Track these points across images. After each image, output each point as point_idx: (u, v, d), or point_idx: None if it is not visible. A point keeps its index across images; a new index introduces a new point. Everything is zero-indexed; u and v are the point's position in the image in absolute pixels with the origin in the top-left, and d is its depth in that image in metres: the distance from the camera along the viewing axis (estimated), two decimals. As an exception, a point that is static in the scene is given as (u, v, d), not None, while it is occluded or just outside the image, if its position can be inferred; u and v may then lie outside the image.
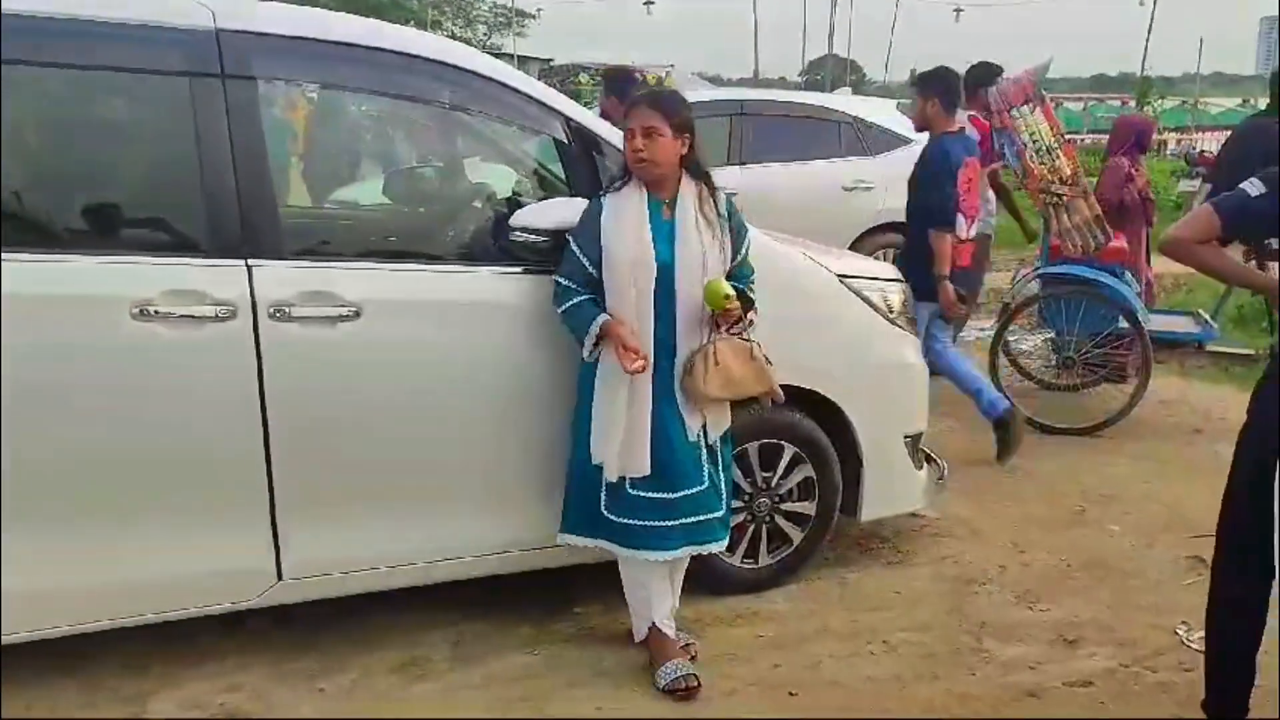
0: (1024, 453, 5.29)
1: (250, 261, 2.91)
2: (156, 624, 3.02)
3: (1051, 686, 3.27)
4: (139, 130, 3.06)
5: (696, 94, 9.87)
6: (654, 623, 3.25)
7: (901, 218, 5.70)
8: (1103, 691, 3.25)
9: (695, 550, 3.21)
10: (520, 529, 3.36)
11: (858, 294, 3.84)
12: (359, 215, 4.48)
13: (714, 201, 3.12)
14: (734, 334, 3.13)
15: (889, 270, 4.24)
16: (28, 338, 2.71)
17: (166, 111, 2.96)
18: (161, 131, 2.99)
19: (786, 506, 3.77)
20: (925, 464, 4.18)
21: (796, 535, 3.81)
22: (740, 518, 3.69)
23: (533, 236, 3.18)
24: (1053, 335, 6.41)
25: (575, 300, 3.06)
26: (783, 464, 3.71)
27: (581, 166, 3.38)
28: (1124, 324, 5.96)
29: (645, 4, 37.60)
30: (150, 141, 3.03)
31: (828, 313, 3.77)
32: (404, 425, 3.14)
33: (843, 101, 9.36)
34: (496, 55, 4.43)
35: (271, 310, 2.91)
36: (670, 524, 3.12)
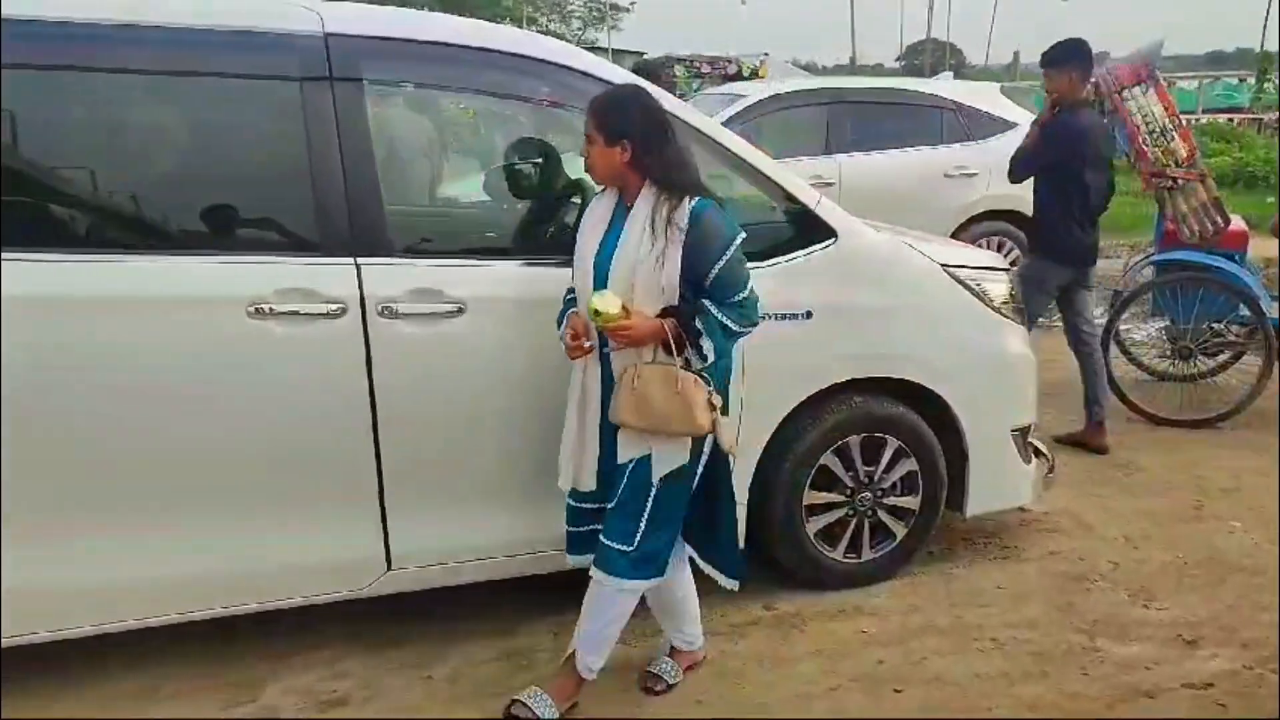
0: (1137, 446, 5.13)
1: (359, 260, 2.99)
2: (269, 612, 3.12)
3: (1169, 688, 3.16)
4: (252, 134, 3.14)
5: (793, 83, 9.80)
6: (673, 645, 3.25)
7: (1007, 205, 5.55)
8: (1224, 693, 3.13)
9: (587, 564, 2.98)
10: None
11: (962, 283, 3.76)
12: (460, 213, 4.55)
13: (666, 210, 2.74)
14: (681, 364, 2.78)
15: (995, 259, 4.14)
16: (151, 337, 2.83)
17: (279, 115, 3.04)
18: (274, 134, 3.08)
19: (889, 501, 3.72)
20: (1034, 457, 4.08)
21: (900, 530, 3.76)
22: (842, 512, 3.66)
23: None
24: (1167, 324, 6.19)
25: (564, 306, 2.99)
26: (885, 458, 3.66)
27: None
28: (1245, 311, 5.72)
29: (740, -1, 37.30)
30: (263, 144, 3.11)
31: (930, 303, 3.70)
32: (506, 419, 3.19)
33: (944, 87, 9.16)
34: (590, 50, 4.43)
35: (380, 307, 2.99)
36: (591, 531, 2.98)
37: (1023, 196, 8.08)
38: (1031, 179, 5.27)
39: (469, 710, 3.03)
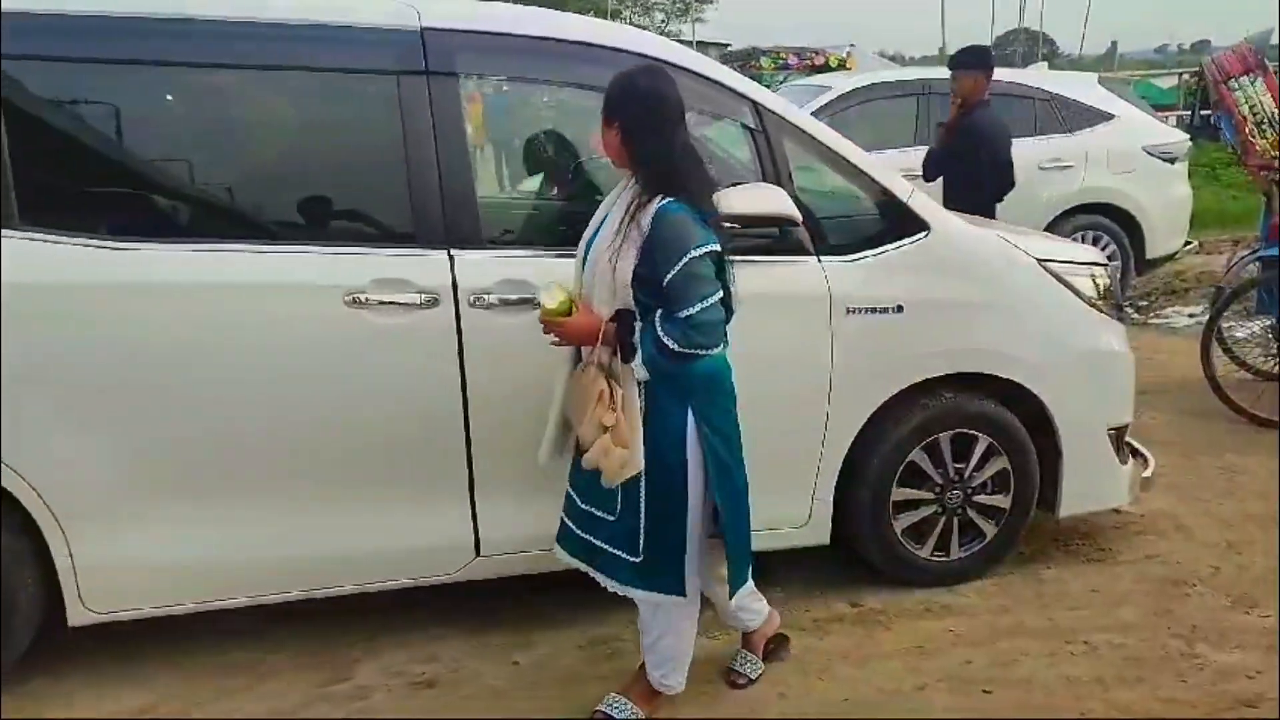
0: (1239, 447, 4.96)
1: (452, 251, 3.03)
2: (364, 594, 3.20)
3: (1271, 697, 3.06)
4: (351, 128, 3.21)
5: (881, 74, 9.66)
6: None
7: (1104, 199, 5.43)
8: (1331, 706, 3.02)
9: (590, 573, 2.88)
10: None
11: (1058, 279, 3.68)
12: (546, 205, 4.58)
13: (634, 207, 2.60)
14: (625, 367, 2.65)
15: (1092, 253, 4.03)
16: (252, 325, 2.92)
17: (376, 109, 3.11)
18: (371, 128, 3.14)
19: (980, 499, 3.66)
20: (1130, 458, 3.97)
21: (990, 529, 3.70)
22: (930, 510, 3.61)
23: (721, 223, 3.17)
24: (1272, 322, 5.96)
25: None
26: (976, 455, 3.60)
27: (772, 151, 3.35)
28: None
29: (826, -16, 36.78)
30: (361, 138, 3.18)
31: (1024, 298, 3.62)
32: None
33: (1038, 77, 8.94)
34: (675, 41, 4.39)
35: (471, 298, 3.03)
36: (573, 529, 2.89)
37: (1122, 190, 7.95)
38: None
39: (552, 697, 3.07)
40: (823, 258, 3.35)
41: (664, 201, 2.56)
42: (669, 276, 2.52)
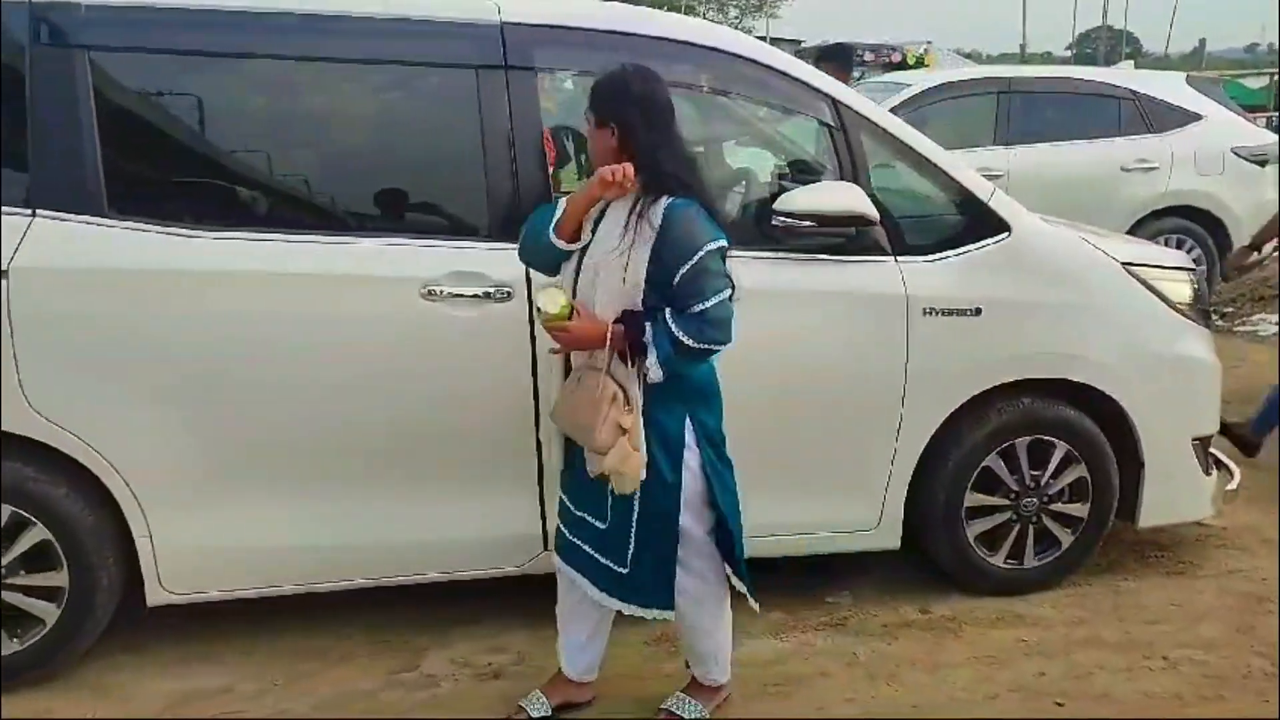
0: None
1: (527, 245, 3.04)
2: (434, 584, 3.23)
3: (1359, 721, 2.95)
4: (429, 120, 3.25)
5: (960, 71, 9.51)
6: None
7: (1191, 201, 5.26)
8: None
9: (582, 584, 2.78)
10: (778, 512, 3.34)
11: (1143, 283, 3.58)
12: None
13: (641, 205, 2.55)
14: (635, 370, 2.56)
15: (1180, 258, 3.92)
16: (329, 314, 2.96)
17: (454, 102, 3.14)
18: (449, 121, 3.17)
19: (1056, 507, 3.57)
20: (1215, 469, 3.85)
21: (1066, 538, 3.61)
22: (1005, 517, 3.54)
23: (798, 221, 3.15)
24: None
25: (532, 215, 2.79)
26: (1054, 462, 3.52)
27: (849, 149, 3.31)
28: None
29: (905, -20, 36.26)
30: (439, 131, 3.21)
31: (1107, 302, 3.53)
32: None
33: (1123, 75, 8.72)
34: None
35: (544, 292, 3.04)
36: (569, 537, 2.80)
37: (1209, 193, 7.72)
38: None
39: (617, 693, 3.06)
40: (900, 257, 3.30)
41: (672, 200, 2.54)
42: (682, 272, 2.50)
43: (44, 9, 2.83)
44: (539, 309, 2.55)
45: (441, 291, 2.98)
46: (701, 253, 2.50)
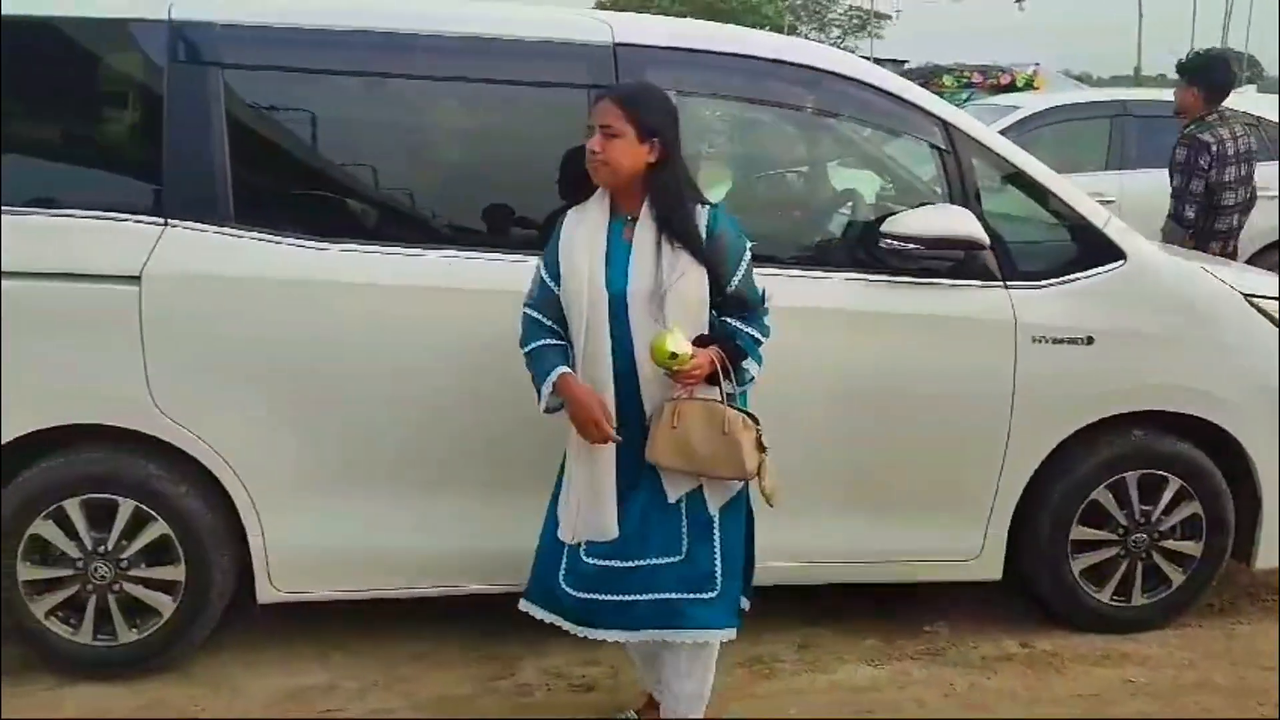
0: None
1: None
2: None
3: None
4: (540, 140, 3.30)
5: (1073, 94, 9.31)
6: (651, 694, 2.86)
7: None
8: None
9: (660, 635, 2.60)
10: (877, 538, 3.31)
11: (1265, 314, 3.45)
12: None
13: (682, 218, 2.51)
14: (721, 399, 2.53)
15: (1305, 290, 3.77)
16: (439, 325, 3.03)
17: (565, 121, 3.17)
18: (560, 141, 3.20)
19: (1167, 544, 3.46)
20: (1339, 511, 3.68)
21: (1177, 577, 3.49)
22: (1113, 552, 3.44)
23: (905, 244, 3.12)
24: None
25: (538, 343, 2.60)
26: (1165, 498, 3.41)
27: (960, 172, 3.27)
28: None
29: (1017, 1, 35.60)
30: (550, 149, 3.25)
31: (1226, 334, 3.42)
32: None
33: (1245, 101, 8.42)
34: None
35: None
36: (627, 598, 2.57)
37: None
38: None
39: (706, 712, 3.05)
40: (1009, 283, 3.25)
41: (706, 208, 2.56)
42: (738, 278, 2.54)
43: (182, 27, 2.97)
44: (673, 355, 2.40)
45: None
46: (748, 255, 2.58)
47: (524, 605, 2.72)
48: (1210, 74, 5.24)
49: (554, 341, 2.60)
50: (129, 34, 3.03)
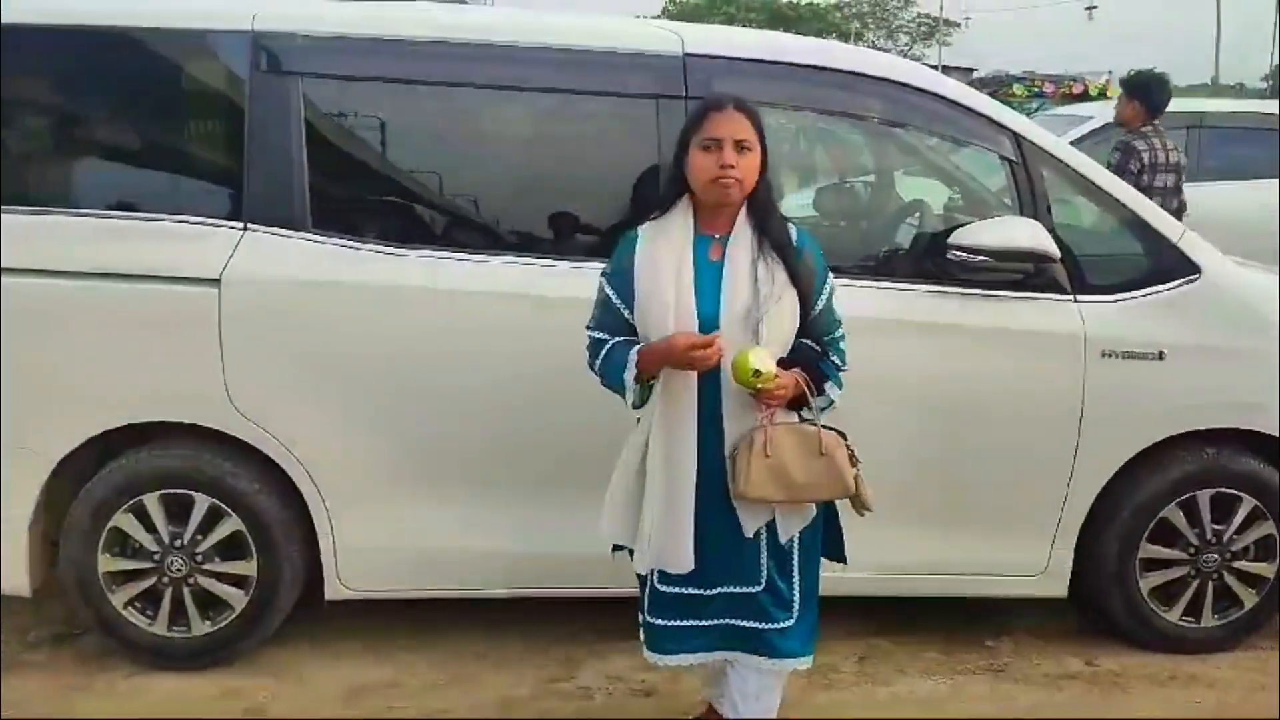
0: None
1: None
2: (595, 599, 3.28)
3: None
4: (607, 149, 3.35)
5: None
6: (710, 702, 2.80)
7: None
8: None
9: (731, 656, 2.57)
10: (941, 551, 3.30)
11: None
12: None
13: (781, 237, 2.42)
14: (804, 419, 2.45)
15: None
16: (507, 330, 3.08)
17: (633, 130, 3.21)
18: (629, 150, 3.25)
19: (1240, 565, 3.39)
20: None
21: (1249, 599, 3.42)
22: (1183, 571, 3.38)
23: (973, 256, 3.11)
24: None
25: (607, 348, 2.48)
26: (1238, 517, 3.34)
27: (1030, 184, 3.25)
28: None
29: (1087, 9, 35.04)
30: (617, 158, 3.30)
31: (1306, 353, 3.34)
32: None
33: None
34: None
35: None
36: (701, 623, 2.52)
37: None
38: None
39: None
40: (1080, 297, 3.21)
41: (793, 227, 2.47)
42: (823, 301, 2.47)
43: (264, 38, 3.06)
44: (757, 372, 2.28)
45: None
46: (831, 277, 2.51)
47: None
48: (1150, 92, 5.80)
49: (624, 340, 2.47)
50: (213, 45, 3.13)
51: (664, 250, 2.42)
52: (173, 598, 3.15)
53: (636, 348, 2.41)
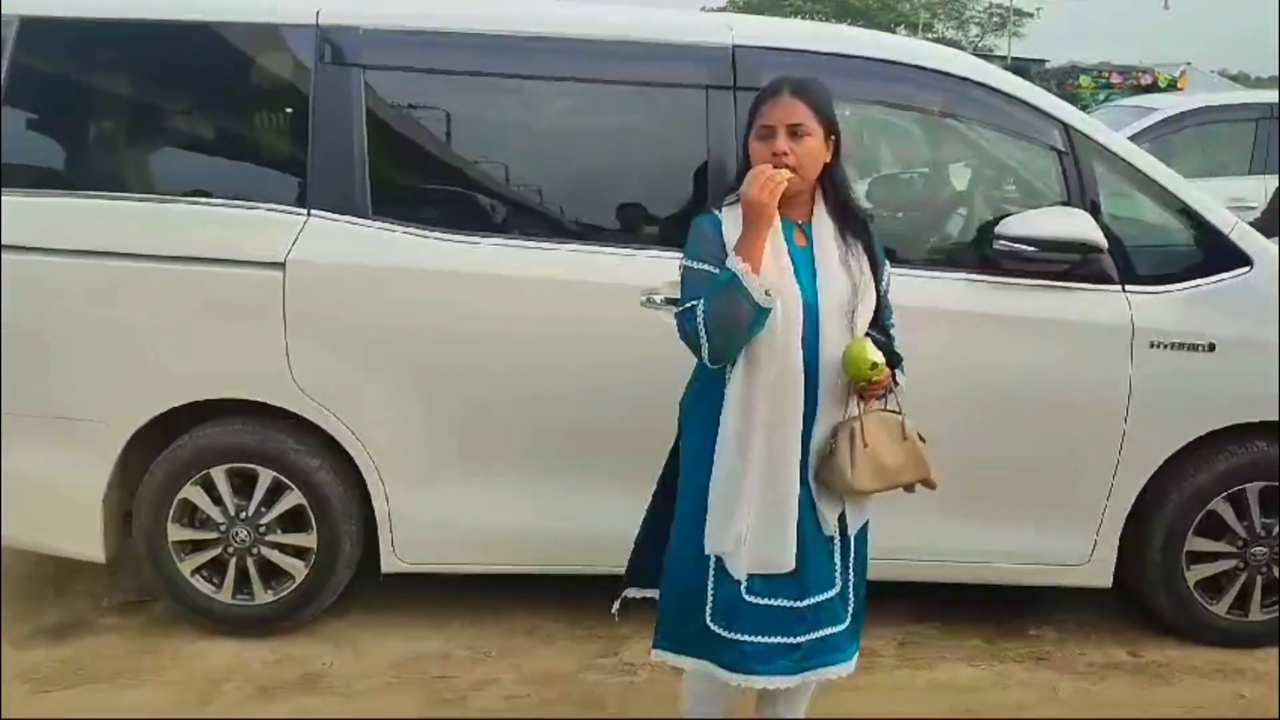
0: None
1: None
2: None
3: None
4: (658, 138, 3.41)
5: (1213, 96, 8.98)
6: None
7: None
8: None
9: (815, 677, 2.44)
10: (986, 539, 3.33)
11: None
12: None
13: (859, 226, 2.39)
14: (885, 408, 2.41)
15: None
16: (560, 316, 3.18)
17: (684, 120, 3.28)
18: (677, 139, 3.32)
19: (1289, 559, 3.36)
20: None
21: (1299, 592, 3.39)
22: (1231, 564, 3.37)
23: (1021, 246, 3.13)
24: None
25: (704, 292, 2.28)
26: (1288, 511, 3.32)
27: (1080, 175, 3.25)
28: None
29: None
30: (668, 148, 3.37)
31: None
32: None
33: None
34: (986, 58, 4.28)
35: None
36: (794, 640, 2.37)
37: None
38: None
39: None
40: (1128, 287, 3.21)
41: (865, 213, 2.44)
42: (885, 289, 2.43)
43: (329, 31, 3.18)
44: (874, 365, 2.25)
45: (658, 299, 3.13)
46: (888, 265, 2.47)
47: (660, 655, 2.52)
48: None
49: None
50: (280, 38, 3.26)
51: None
52: (237, 567, 3.30)
53: (730, 262, 2.22)
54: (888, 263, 2.48)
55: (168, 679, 3.16)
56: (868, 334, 2.35)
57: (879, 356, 2.26)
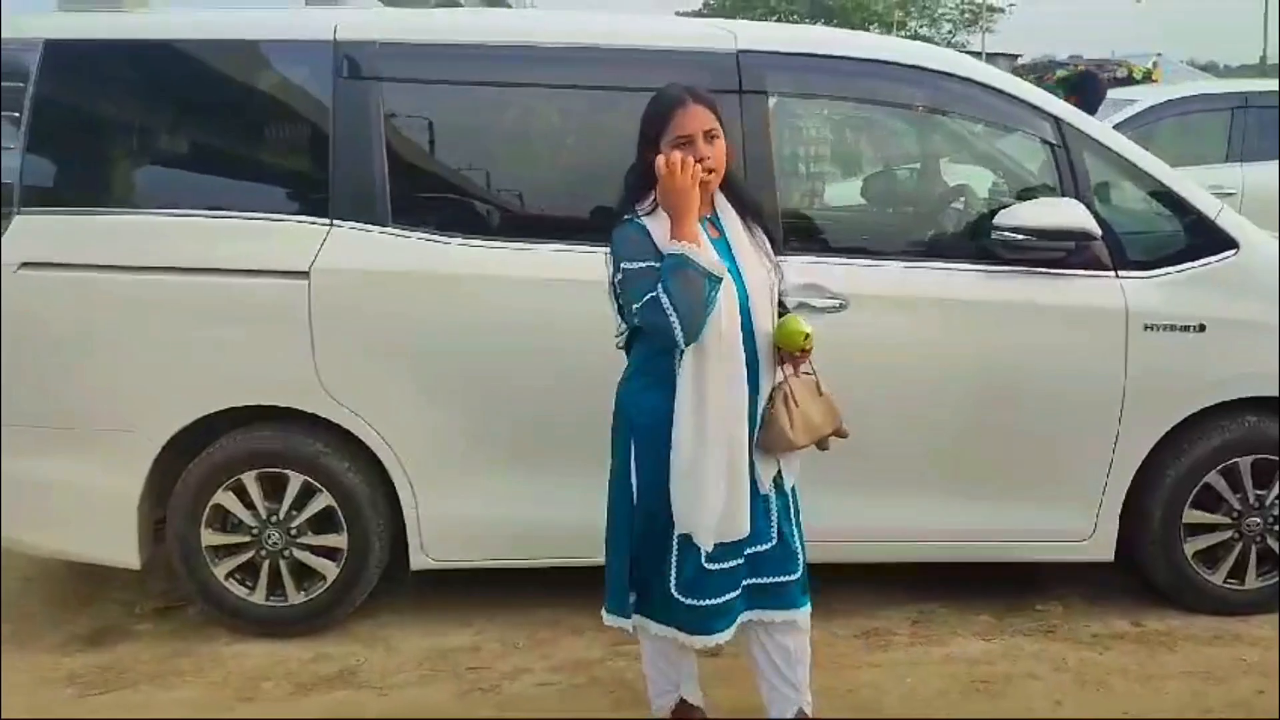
0: None
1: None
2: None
3: None
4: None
5: (1190, 86, 9.17)
6: (682, 696, 2.86)
7: None
8: None
9: (759, 616, 2.64)
10: (991, 518, 3.45)
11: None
12: (841, 215, 4.76)
13: (757, 209, 2.65)
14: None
15: None
16: (578, 316, 3.23)
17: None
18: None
19: (1281, 528, 3.51)
20: None
21: (1293, 560, 3.53)
22: (1226, 535, 3.51)
23: (1018, 235, 3.26)
24: None
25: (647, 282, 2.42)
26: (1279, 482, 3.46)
27: (1072, 166, 3.39)
28: None
29: (1132, -10, 34.51)
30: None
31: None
32: (879, 409, 3.28)
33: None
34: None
35: (772, 299, 3.26)
36: (735, 595, 2.57)
37: None
38: None
39: (823, 685, 3.19)
40: (1121, 273, 3.35)
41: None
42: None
43: (347, 46, 3.29)
44: (806, 335, 2.49)
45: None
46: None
47: (610, 620, 2.75)
48: (1085, 89, 6.77)
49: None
50: (300, 54, 3.36)
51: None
52: (270, 569, 3.39)
53: (670, 247, 2.39)
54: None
55: (208, 679, 3.24)
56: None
57: (809, 327, 2.51)
